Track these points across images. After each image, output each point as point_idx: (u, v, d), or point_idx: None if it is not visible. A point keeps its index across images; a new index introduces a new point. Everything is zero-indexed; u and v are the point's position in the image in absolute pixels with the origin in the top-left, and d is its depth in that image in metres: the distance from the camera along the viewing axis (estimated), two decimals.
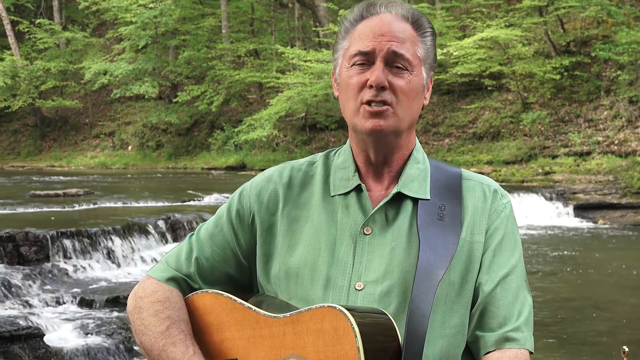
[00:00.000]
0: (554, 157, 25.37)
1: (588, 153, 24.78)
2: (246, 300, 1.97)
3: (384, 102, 1.91)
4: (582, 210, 20.84)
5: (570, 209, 20.79)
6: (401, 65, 1.93)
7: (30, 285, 9.44)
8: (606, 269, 13.53)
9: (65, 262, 10.43)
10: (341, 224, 1.98)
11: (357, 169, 2.03)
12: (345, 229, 1.97)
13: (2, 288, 9.06)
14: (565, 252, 15.11)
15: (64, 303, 9.16)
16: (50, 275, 9.95)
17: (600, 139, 24.98)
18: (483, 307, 1.91)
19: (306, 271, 1.96)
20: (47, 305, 9.04)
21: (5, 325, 7.46)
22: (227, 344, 1.96)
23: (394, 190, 1.98)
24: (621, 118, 25.21)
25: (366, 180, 2.03)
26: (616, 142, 24.58)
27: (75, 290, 9.53)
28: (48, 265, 10.21)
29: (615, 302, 11.02)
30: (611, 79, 26.30)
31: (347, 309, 1.73)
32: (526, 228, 18.67)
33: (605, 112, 25.86)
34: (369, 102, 1.92)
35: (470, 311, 1.93)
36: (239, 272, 2.10)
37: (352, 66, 1.96)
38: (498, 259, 1.95)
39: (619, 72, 25.74)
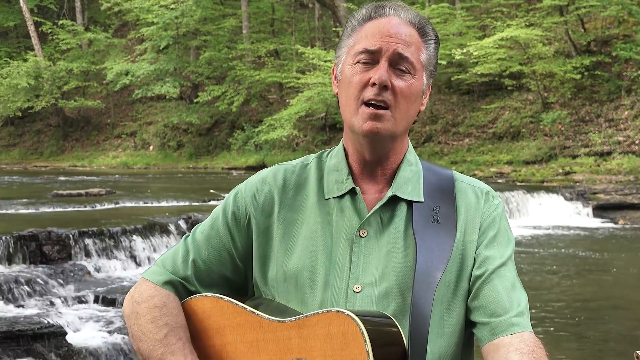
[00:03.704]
0: (574, 157, 25.25)
1: (608, 153, 24.65)
2: (244, 303, 1.96)
3: (384, 103, 1.92)
4: (602, 210, 20.73)
5: (590, 209, 20.69)
6: (404, 68, 1.94)
7: (52, 284, 9.50)
8: (626, 269, 13.46)
9: (87, 261, 10.50)
10: (337, 227, 1.98)
11: (351, 172, 2.03)
12: (341, 232, 1.97)
13: (25, 287, 9.14)
14: (585, 252, 15.04)
15: (86, 302, 9.22)
16: (72, 274, 10.02)
17: (620, 138, 24.84)
18: (483, 296, 1.91)
19: (305, 275, 1.96)
20: (70, 304, 9.10)
21: (29, 324, 7.52)
22: (229, 348, 1.95)
23: (389, 194, 1.98)
24: None
25: (360, 183, 2.02)
26: (637, 142, 24.43)
27: (97, 289, 9.59)
28: (70, 264, 10.28)
29: (635, 302, 10.97)
30: (632, 79, 26.14)
31: (355, 314, 1.73)
32: (546, 228, 18.61)
33: (626, 112, 25.70)
34: (369, 103, 1.93)
35: (468, 304, 1.94)
36: (235, 273, 2.09)
37: (356, 64, 1.96)
38: (492, 252, 1.96)
39: (639, 72, 25.59)
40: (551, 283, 11.89)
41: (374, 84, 1.91)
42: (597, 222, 20.07)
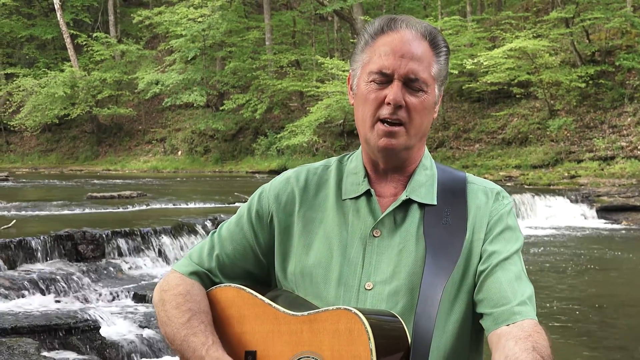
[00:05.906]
0: (579, 161, 25.13)
1: (612, 158, 24.50)
2: (265, 294, 1.98)
3: (399, 120, 1.91)
4: (606, 212, 20.60)
5: (594, 211, 20.56)
6: (417, 87, 1.92)
7: (87, 281, 9.54)
8: (629, 268, 13.37)
9: (119, 260, 10.52)
10: (352, 227, 1.99)
11: (367, 175, 2.03)
12: (356, 232, 1.98)
13: (62, 283, 9.18)
14: (589, 252, 14.95)
15: (119, 298, 9.24)
16: (105, 272, 10.05)
17: (623, 144, 24.69)
18: (487, 288, 1.88)
19: (320, 271, 1.97)
20: (103, 299, 9.14)
21: (65, 318, 7.54)
22: (247, 337, 1.97)
23: (403, 197, 1.98)
24: None
25: (375, 186, 2.02)
26: (639, 147, 24.26)
27: (128, 285, 9.61)
28: (103, 262, 10.31)
29: (638, 300, 10.88)
30: (634, 87, 25.99)
31: (362, 312, 1.74)
32: (553, 228, 18.52)
33: (629, 119, 25.55)
34: (384, 120, 1.92)
35: (474, 297, 1.91)
36: (258, 268, 2.11)
37: (371, 82, 1.95)
38: (497, 247, 1.92)
39: None
40: (557, 281, 11.82)
41: (389, 103, 1.91)
42: (601, 224, 19.95)
